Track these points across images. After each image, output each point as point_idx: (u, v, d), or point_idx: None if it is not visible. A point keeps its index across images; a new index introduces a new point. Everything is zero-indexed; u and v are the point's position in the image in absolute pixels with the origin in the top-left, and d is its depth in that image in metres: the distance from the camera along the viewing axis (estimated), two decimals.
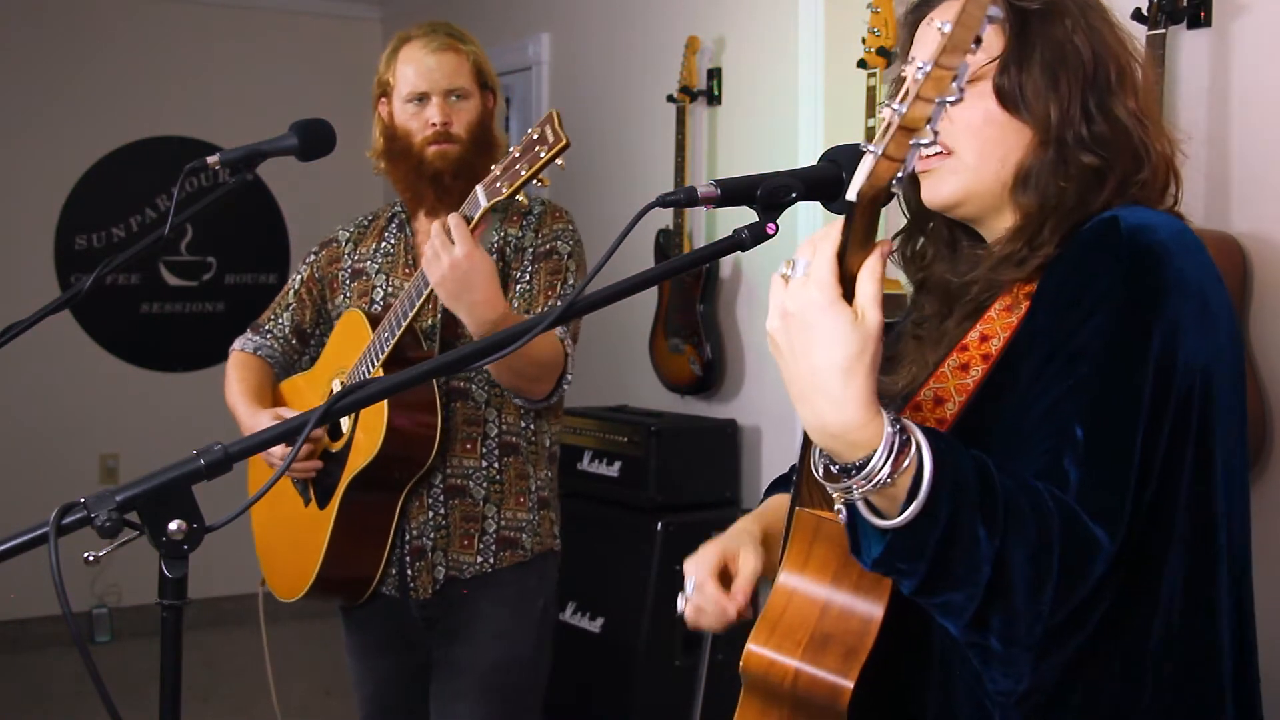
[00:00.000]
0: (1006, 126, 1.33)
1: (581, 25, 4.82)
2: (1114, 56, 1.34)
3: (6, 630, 5.41)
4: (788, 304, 1.09)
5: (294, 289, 2.64)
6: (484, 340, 1.33)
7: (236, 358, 2.64)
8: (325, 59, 6.10)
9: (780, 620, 1.30)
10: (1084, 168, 1.30)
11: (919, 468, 1.10)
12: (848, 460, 1.11)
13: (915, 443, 1.10)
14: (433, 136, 2.43)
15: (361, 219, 2.66)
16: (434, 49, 2.46)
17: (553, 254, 2.47)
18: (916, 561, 1.13)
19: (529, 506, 2.49)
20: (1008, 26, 1.34)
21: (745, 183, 1.30)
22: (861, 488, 1.10)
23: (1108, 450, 1.18)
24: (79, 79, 5.62)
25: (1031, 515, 1.14)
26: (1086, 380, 1.20)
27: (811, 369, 1.08)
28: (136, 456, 5.62)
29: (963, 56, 0.98)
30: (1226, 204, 2.61)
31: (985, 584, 1.13)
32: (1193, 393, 1.21)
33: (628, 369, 4.36)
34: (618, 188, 4.52)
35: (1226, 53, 2.63)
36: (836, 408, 1.08)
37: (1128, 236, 1.24)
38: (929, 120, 1.00)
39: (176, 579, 1.18)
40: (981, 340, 1.31)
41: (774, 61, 3.86)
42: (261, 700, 4.73)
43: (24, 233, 5.57)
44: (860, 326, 1.07)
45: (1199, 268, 1.25)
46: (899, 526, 1.11)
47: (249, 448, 1.26)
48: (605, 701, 3.74)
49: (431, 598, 2.44)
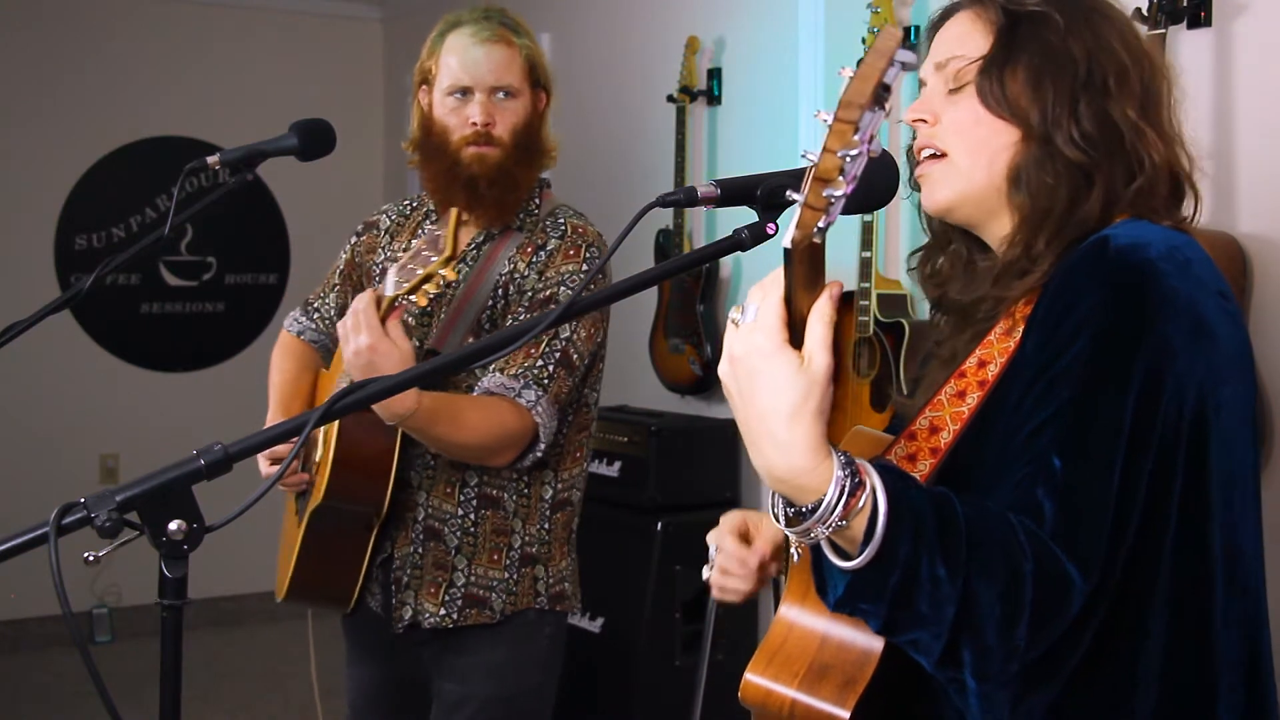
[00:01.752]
0: (993, 127, 1.33)
1: (581, 25, 4.82)
2: (1115, 62, 1.33)
3: (6, 630, 5.40)
4: (735, 349, 1.10)
5: (339, 269, 2.51)
6: (487, 340, 1.33)
7: (283, 340, 2.53)
8: (325, 59, 6.10)
9: (779, 651, 1.30)
10: (1070, 164, 1.30)
11: (873, 509, 1.10)
12: (800, 504, 1.11)
13: (869, 485, 1.11)
14: (472, 137, 2.23)
15: (405, 204, 2.49)
16: (483, 39, 2.24)
17: (551, 302, 2.24)
18: (877, 603, 1.14)
19: (504, 565, 2.30)
20: (997, 29, 1.35)
21: (745, 183, 1.30)
22: (818, 530, 1.11)
23: (1084, 483, 1.17)
24: (79, 79, 5.62)
25: (1000, 551, 1.14)
26: (1065, 409, 1.19)
27: (759, 414, 1.09)
28: (136, 456, 5.62)
29: (862, 110, 0.99)
30: (1227, 204, 2.61)
31: (950, 622, 1.12)
32: (1183, 417, 1.19)
33: (628, 369, 4.36)
34: (618, 188, 4.52)
35: (1227, 52, 2.63)
36: (783, 453, 1.09)
37: (1116, 256, 1.23)
38: (841, 170, 1.01)
39: (176, 579, 1.18)
40: (979, 366, 1.31)
41: (774, 61, 3.86)
42: (262, 700, 4.74)
43: (24, 233, 5.57)
44: (806, 372, 1.08)
45: (1193, 285, 1.23)
46: (857, 568, 1.12)
47: (249, 448, 1.26)
48: (605, 701, 3.74)
49: (404, 633, 2.32)
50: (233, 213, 5.79)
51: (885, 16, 3.23)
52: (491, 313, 2.28)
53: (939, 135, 1.37)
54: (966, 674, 1.16)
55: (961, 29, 1.38)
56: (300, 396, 2.47)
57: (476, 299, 2.27)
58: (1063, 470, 1.17)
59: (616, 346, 4.45)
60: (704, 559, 1.65)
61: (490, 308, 2.28)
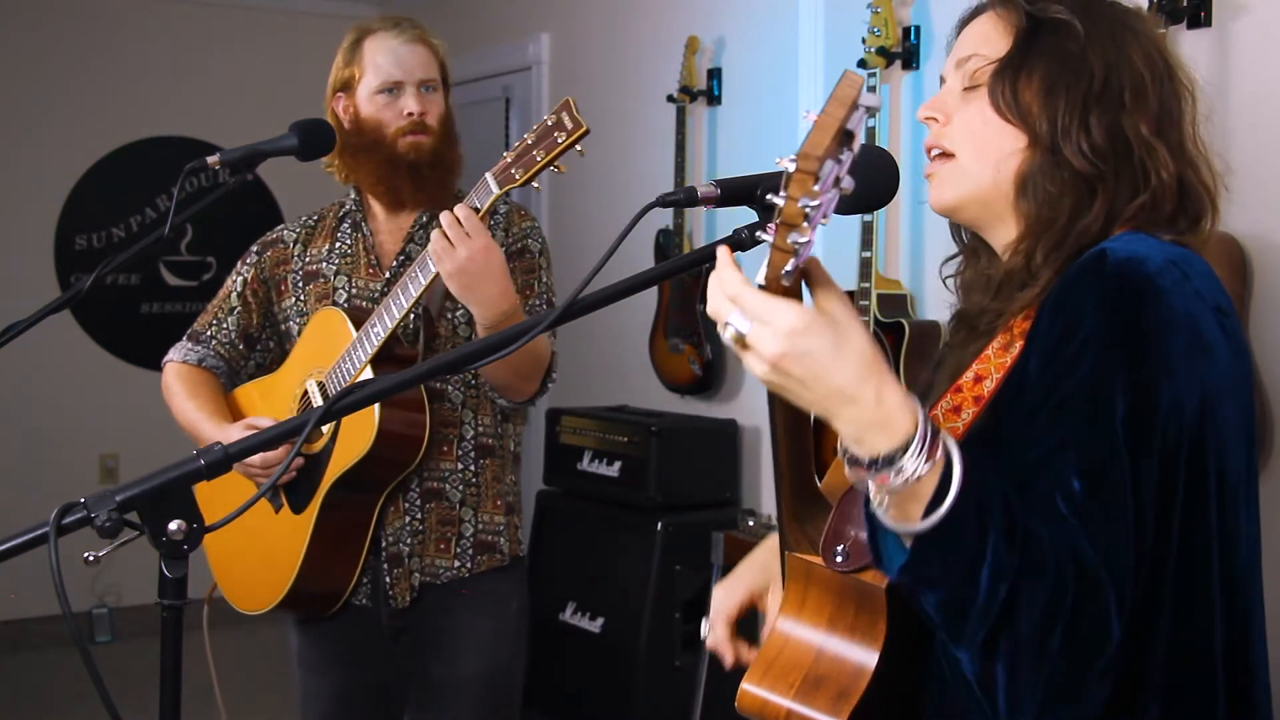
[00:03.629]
0: (1002, 130, 1.33)
1: (581, 25, 4.82)
2: (1132, 76, 1.32)
3: (6, 630, 5.40)
4: (768, 349, 1.07)
5: (236, 292, 2.51)
6: (486, 339, 1.33)
7: (177, 370, 2.53)
8: (325, 59, 6.06)
9: (775, 661, 1.31)
10: (1076, 174, 1.29)
11: (947, 465, 1.10)
12: (888, 447, 1.09)
13: (943, 440, 1.10)
14: (409, 126, 2.36)
15: (306, 219, 2.56)
16: (407, 39, 2.41)
17: (525, 252, 2.43)
18: (946, 568, 1.11)
19: (504, 510, 2.44)
20: (1018, 31, 1.34)
21: (745, 183, 1.30)
22: (903, 467, 1.08)
23: (1105, 506, 1.16)
24: (79, 79, 5.62)
25: (1050, 549, 1.13)
26: (1076, 432, 1.19)
27: (832, 372, 1.07)
28: (136, 456, 5.61)
29: (821, 161, 0.98)
30: (1227, 205, 2.61)
31: (1002, 602, 1.11)
32: (1183, 433, 1.19)
33: (628, 369, 4.35)
34: (618, 188, 4.52)
35: (1227, 53, 2.63)
36: (874, 391, 1.08)
37: (1114, 271, 1.22)
38: (805, 218, 1.01)
39: (176, 579, 1.18)
40: (975, 381, 1.30)
41: (774, 61, 3.86)
42: (262, 700, 4.74)
43: (24, 233, 5.57)
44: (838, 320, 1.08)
45: (1190, 300, 1.22)
46: (934, 525, 1.09)
47: (249, 448, 1.26)
48: (605, 701, 3.73)
49: (409, 606, 2.37)
50: (233, 213, 5.76)
51: (885, 16, 3.23)
52: None
53: (948, 135, 1.37)
54: (999, 667, 1.13)
55: (985, 28, 1.38)
56: (228, 416, 2.46)
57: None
58: (1082, 493, 1.17)
59: (616, 346, 4.46)
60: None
61: None
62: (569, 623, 3.85)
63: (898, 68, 3.32)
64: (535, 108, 5.00)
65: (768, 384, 1.11)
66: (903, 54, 3.29)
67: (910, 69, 3.32)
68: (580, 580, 3.83)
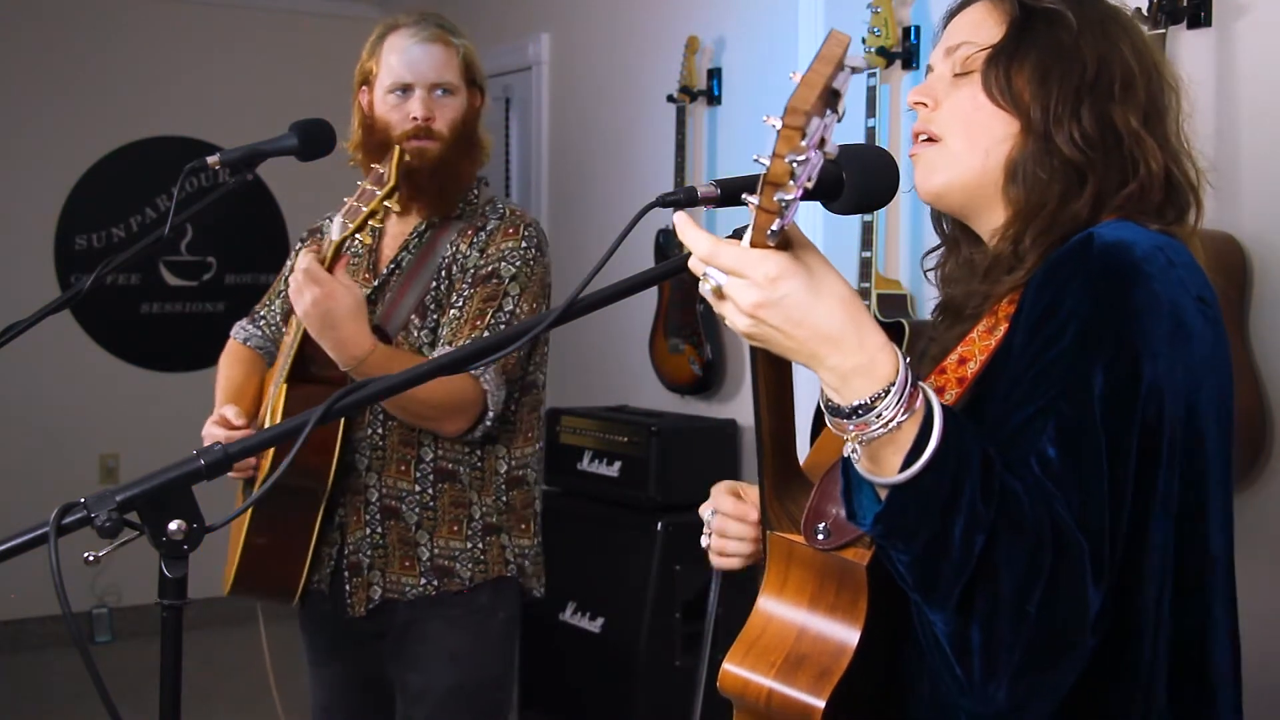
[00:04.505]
0: (993, 116, 1.34)
1: (581, 25, 4.82)
2: (1123, 68, 1.33)
3: (6, 630, 5.40)
4: (745, 299, 1.09)
5: (285, 276, 2.57)
6: (486, 340, 1.33)
7: (229, 347, 2.61)
8: (325, 59, 6.09)
9: (757, 641, 1.31)
10: (1066, 161, 1.30)
11: (926, 415, 1.10)
12: (870, 393, 1.10)
13: (921, 386, 1.12)
14: (412, 131, 2.32)
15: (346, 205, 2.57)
16: (422, 39, 2.35)
17: (492, 278, 2.32)
18: (920, 522, 1.11)
19: (467, 535, 2.35)
20: (1011, 20, 1.35)
21: (745, 183, 1.30)
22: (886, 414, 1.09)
23: (1080, 477, 1.17)
24: (79, 79, 5.62)
25: (1029, 509, 1.13)
26: (1054, 403, 1.19)
27: (817, 320, 1.10)
28: (136, 456, 5.61)
29: (809, 116, 0.99)
30: (1228, 205, 2.61)
31: (977, 558, 1.10)
32: (1162, 417, 1.19)
33: (628, 369, 4.36)
34: (618, 188, 4.52)
35: (1227, 53, 2.63)
36: (857, 333, 1.11)
37: (1100, 254, 1.23)
38: (791, 175, 1.01)
39: (176, 579, 1.18)
40: (959, 363, 1.31)
41: (774, 61, 3.86)
42: (261, 700, 4.74)
43: (24, 233, 5.57)
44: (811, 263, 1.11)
45: (1174, 286, 1.23)
46: (910, 478, 1.10)
47: (249, 448, 1.26)
48: (605, 701, 3.74)
49: (366, 616, 2.35)
50: (233, 213, 5.78)
51: (885, 16, 3.23)
52: (435, 293, 2.36)
53: (936, 120, 1.38)
54: (974, 628, 1.12)
55: (976, 16, 1.39)
56: (245, 397, 2.51)
57: (420, 280, 2.37)
58: (1058, 460, 1.17)
59: (616, 346, 4.46)
60: (705, 558, 1.65)
61: (434, 289, 2.36)
62: (569, 623, 3.85)
63: (898, 68, 3.32)
64: (535, 107, 5.00)
65: (749, 336, 1.12)
66: (903, 54, 3.29)
67: (910, 69, 3.32)
68: (580, 580, 3.83)
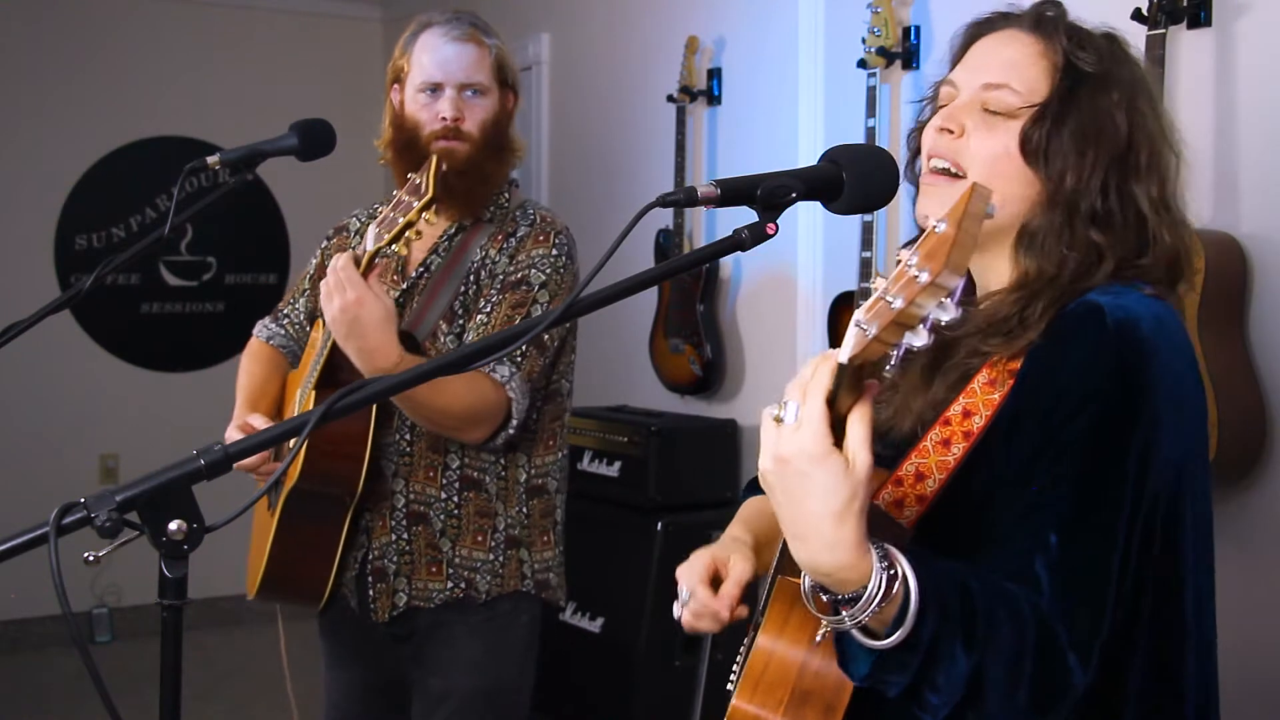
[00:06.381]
0: (1021, 171, 1.33)
1: (581, 25, 4.82)
2: (1150, 142, 1.34)
3: (6, 630, 5.40)
4: (781, 450, 1.10)
5: (309, 274, 2.56)
6: (486, 339, 1.33)
7: (251, 346, 2.57)
8: (325, 59, 6.10)
9: (761, 679, 1.34)
10: (1086, 241, 1.31)
11: (905, 598, 1.13)
12: (839, 594, 1.14)
13: (901, 574, 1.13)
14: (441, 131, 2.30)
15: (375, 206, 2.55)
16: (454, 38, 2.32)
17: (521, 284, 2.30)
18: (901, 675, 1.17)
19: (489, 546, 2.34)
20: (1059, 78, 1.34)
21: (745, 183, 1.30)
22: (853, 617, 1.14)
23: (1081, 562, 1.21)
24: (79, 79, 5.62)
25: (1009, 623, 1.18)
26: (1065, 487, 1.23)
27: (806, 514, 1.11)
28: (136, 456, 5.62)
29: (958, 278, 0.99)
30: (1228, 205, 2.61)
31: (961, 692, 1.17)
32: (1161, 493, 1.25)
33: (628, 369, 4.36)
34: (618, 188, 4.52)
35: (1227, 53, 2.63)
36: (830, 551, 1.11)
37: (1115, 330, 1.25)
38: (923, 320, 1.01)
39: (176, 579, 1.18)
40: (964, 416, 1.32)
41: (774, 61, 3.86)
42: (261, 700, 4.74)
43: (24, 233, 5.57)
44: (851, 474, 1.09)
45: (1178, 358, 1.28)
46: (885, 649, 1.15)
47: (249, 448, 1.26)
48: (605, 701, 3.73)
49: (390, 621, 2.35)
50: (233, 213, 5.79)
51: (885, 16, 3.23)
52: (464, 298, 2.34)
53: (963, 153, 1.36)
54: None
55: (1020, 55, 1.37)
56: (267, 397, 2.49)
57: (449, 285, 2.34)
58: (1059, 546, 1.21)
59: (616, 346, 4.46)
60: None
61: (463, 294, 2.34)
62: (569, 623, 3.84)
63: (898, 67, 3.32)
64: (535, 107, 4.99)
65: (762, 474, 1.14)
66: (903, 54, 3.29)
67: (910, 69, 3.32)
68: (580, 580, 3.82)
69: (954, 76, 1.40)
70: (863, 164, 1.31)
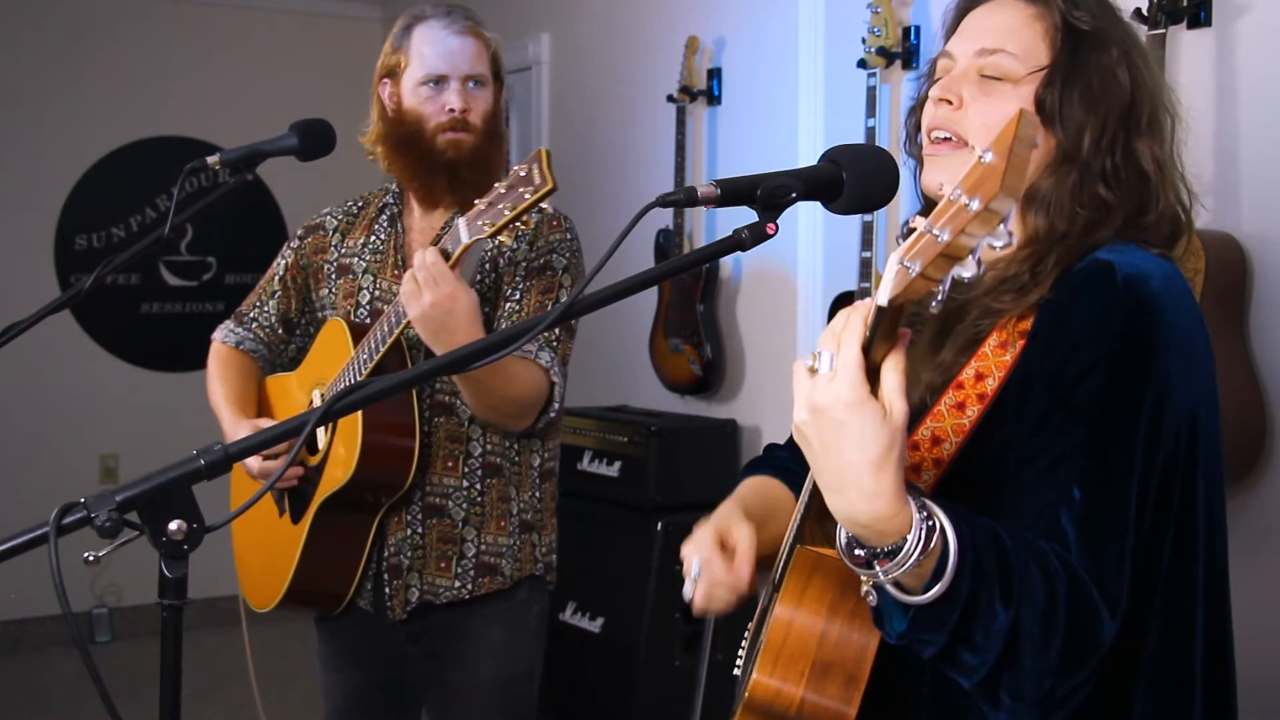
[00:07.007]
0: None
1: (581, 25, 4.82)
2: (1150, 98, 1.35)
3: (6, 630, 5.40)
4: (817, 400, 1.08)
5: (278, 275, 2.52)
6: (487, 339, 1.32)
7: (218, 352, 2.51)
8: (325, 59, 6.10)
9: (782, 651, 1.33)
10: (1097, 198, 1.31)
11: (944, 551, 1.12)
12: (877, 546, 1.12)
13: (940, 527, 1.12)
14: (449, 124, 2.30)
15: (350, 204, 2.52)
16: (457, 31, 2.32)
17: (546, 270, 2.33)
18: (938, 634, 1.15)
19: (510, 530, 2.36)
20: (1059, 41, 1.34)
21: (745, 183, 1.30)
22: (890, 572, 1.12)
23: (1105, 515, 1.21)
24: (79, 79, 5.62)
25: (1040, 578, 1.16)
26: (1084, 442, 1.23)
27: (843, 464, 1.09)
28: (136, 456, 5.62)
29: (1013, 202, 0.96)
30: (1228, 205, 2.61)
31: (999, 650, 1.15)
32: (1179, 444, 1.25)
33: (628, 369, 4.36)
34: (618, 188, 4.52)
35: (1227, 53, 2.63)
36: (869, 501, 1.09)
37: (1124, 288, 1.25)
38: (972, 251, 0.98)
39: (176, 579, 1.18)
40: (977, 379, 1.32)
41: (774, 61, 3.86)
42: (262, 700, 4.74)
43: (24, 233, 5.56)
44: (889, 422, 1.08)
45: (1186, 315, 1.28)
46: (923, 604, 1.13)
47: (249, 447, 1.26)
48: (605, 701, 3.74)
49: (406, 619, 2.34)
50: (233, 213, 5.78)
51: (885, 16, 3.23)
52: (481, 287, 2.33)
53: (961, 122, 1.36)
54: (1003, 694, 1.19)
55: (1014, 21, 1.37)
56: (252, 405, 2.46)
57: (464, 277, 2.30)
58: (1083, 501, 1.21)
59: (617, 346, 4.46)
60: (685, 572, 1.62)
61: (479, 283, 2.34)
62: (569, 623, 3.85)
63: (898, 67, 3.32)
64: (535, 107, 5.00)
65: (797, 427, 1.12)
66: (903, 54, 3.29)
67: (910, 69, 3.32)
68: (580, 580, 3.83)
69: (949, 47, 1.40)
70: (863, 164, 1.31)
